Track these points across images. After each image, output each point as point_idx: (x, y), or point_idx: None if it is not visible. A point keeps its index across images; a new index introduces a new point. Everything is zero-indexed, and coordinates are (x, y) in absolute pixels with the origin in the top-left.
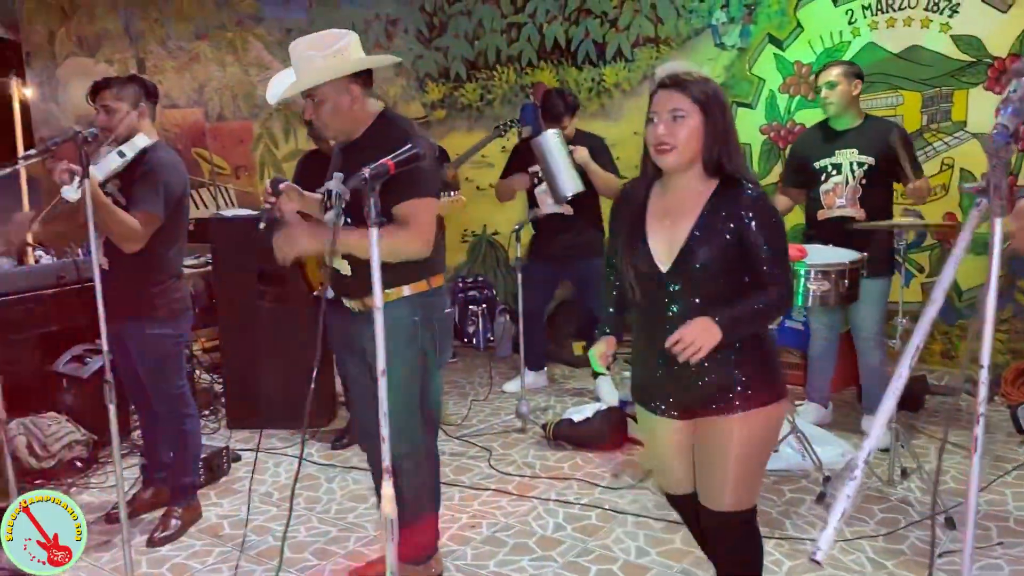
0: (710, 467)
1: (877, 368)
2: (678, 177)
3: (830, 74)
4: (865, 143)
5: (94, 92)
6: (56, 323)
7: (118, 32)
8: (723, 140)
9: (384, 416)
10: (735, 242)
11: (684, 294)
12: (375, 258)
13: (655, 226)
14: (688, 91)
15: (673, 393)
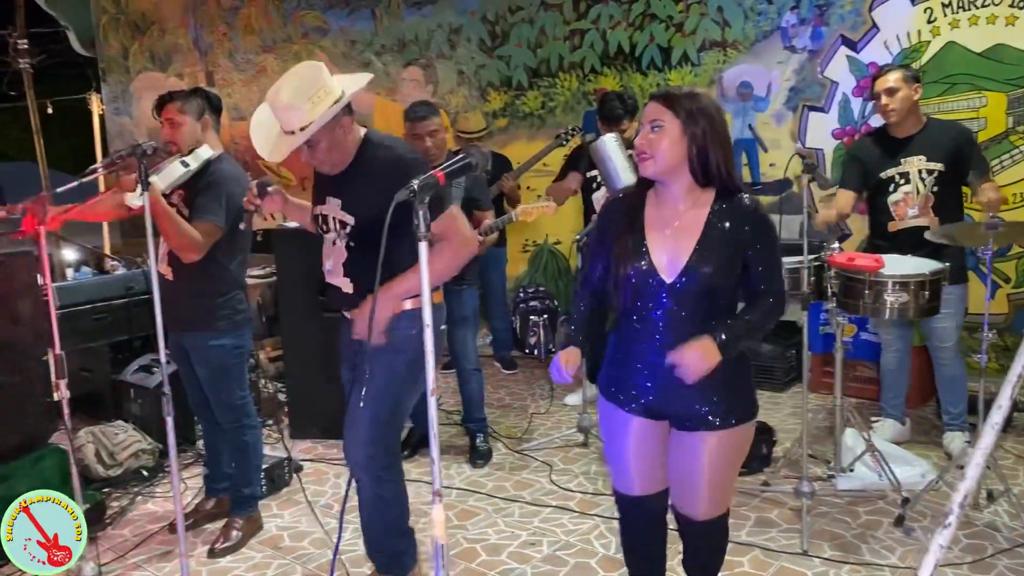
0: (684, 480)
1: (957, 380)
2: (671, 186)
3: (888, 80)
4: (932, 149)
5: (159, 106)
6: (124, 333)
7: (188, 46)
8: (709, 148)
9: (434, 438)
10: (735, 254)
11: (681, 303)
12: (425, 274)
13: (656, 236)
14: (670, 103)
15: (649, 398)
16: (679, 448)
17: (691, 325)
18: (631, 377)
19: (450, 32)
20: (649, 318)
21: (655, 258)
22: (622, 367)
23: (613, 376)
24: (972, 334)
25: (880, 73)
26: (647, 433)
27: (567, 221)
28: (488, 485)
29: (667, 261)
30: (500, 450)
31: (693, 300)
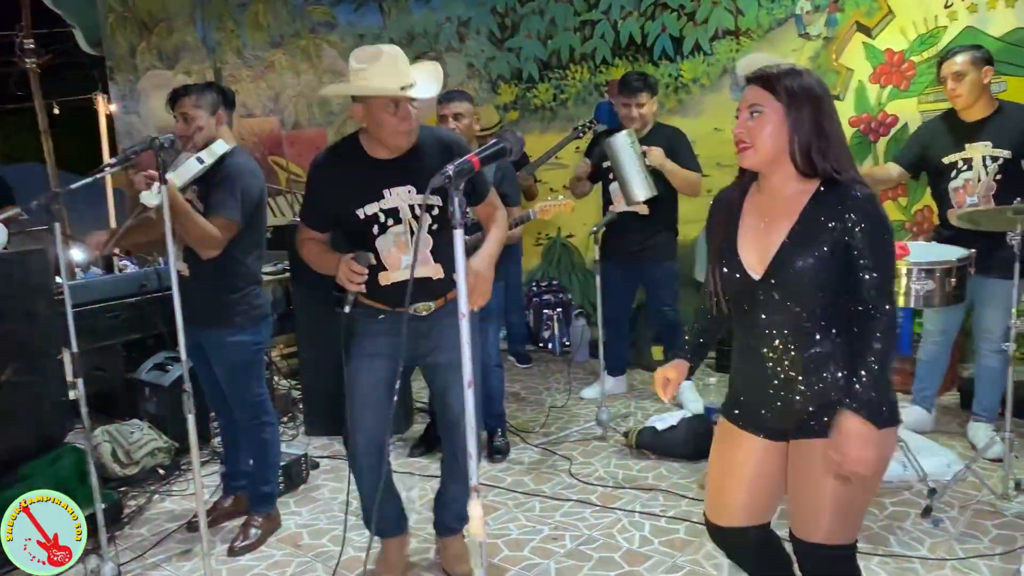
0: (804, 493)
1: (994, 372)
2: (771, 177)
3: (955, 63)
4: (1000, 135)
5: (173, 100)
6: (138, 331)
7: (195, 44)
8: (815, 137)
9: (471, 432)
10: (837, 249)
11: (778, 303)
12: (460, 256)
13: (748, 231)
14: (769, 85)
15: (770, 411)
16: (799, 458)
17: (799, 333)
18: (749, 393)
19: (459, 25)
20: (754, 325)
21: (743, 254)
22: (741, 383)
23: (734, 393)
24: None
25: (946, 56)
26: (767, 459)
27: (580, 214)
28: (507, 480)
29: (756, 256)
30: (518, 445)
31: (789, 299)
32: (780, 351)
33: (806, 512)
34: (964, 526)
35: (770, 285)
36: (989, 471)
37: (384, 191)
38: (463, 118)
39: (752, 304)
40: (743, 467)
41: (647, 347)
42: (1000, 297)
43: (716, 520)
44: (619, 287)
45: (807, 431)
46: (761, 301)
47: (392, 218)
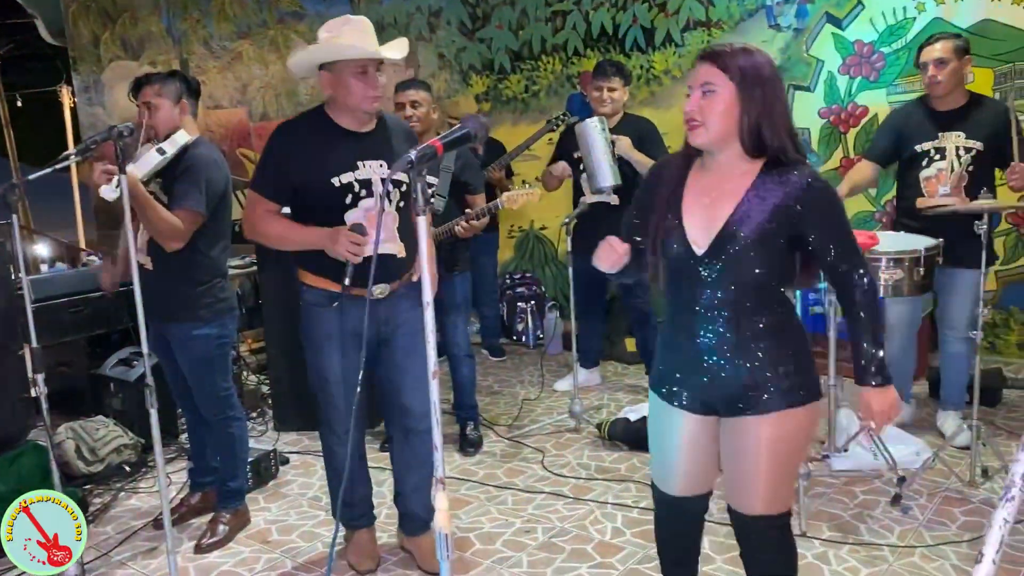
0: (738, 469)
1: (960, 360)
2: (718, 155)
3: (935, 50)
4: (972, 126)
5: (136, 89)
6: (103, 326)
7: (161, 34)
8: (764, 117)
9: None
10: (780, 229)
11: (717, 280)
12: (423, 244)
13: (692, 206)
14: (722, 63)
15: (699, 386)
16: (734, 435)
17: (735, 310)
18: (680, 368)
19: (429, 15)
20: (687, 300)
21: (688, 229)
22: (671, 359)
23: (663, 368)
24: None
25: (928, 42)
26: (699, 430)
27: (553, 206)
28: (479, 473)
29: (700, 232)
30: (490, 437)
31: (729, 277)
32: (713, 329)
33: (743, 486)
34: (933, 513)
35: (712, 261)
36: (957, 459)
37: (359, 162)
38: (420, 106)
39: (691, 279)
40: (676, 441)
41: (620, 339)
42: (967, 287)
43: (664, 489)
44: (591, 279)
45: (735, 409)
46: (700, 277)
47: (365, 190)
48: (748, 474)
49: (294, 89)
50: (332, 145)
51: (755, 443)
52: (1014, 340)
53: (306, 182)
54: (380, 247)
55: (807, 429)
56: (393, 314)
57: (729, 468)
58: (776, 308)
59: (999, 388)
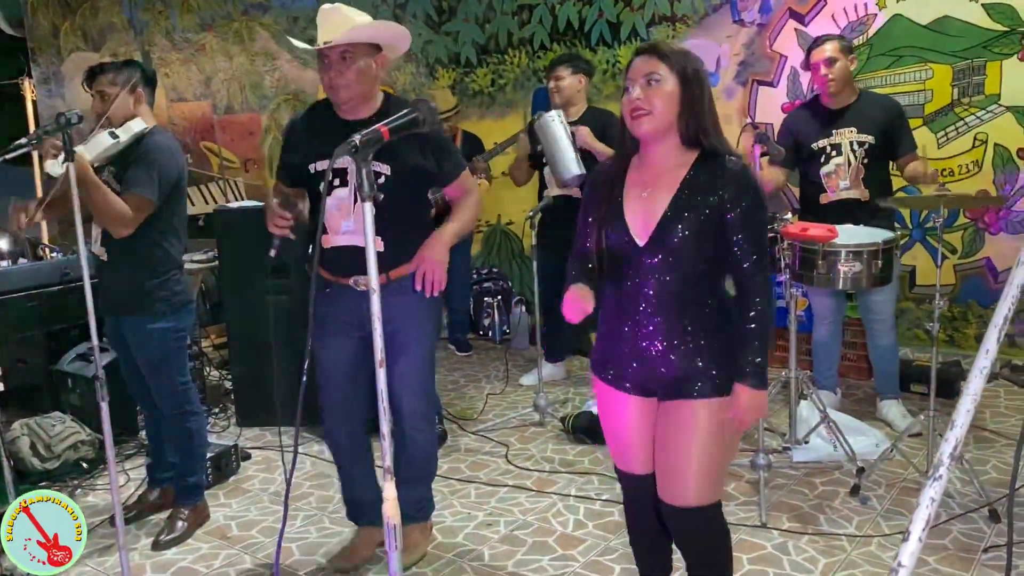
0: (670, 457)
1: (892, 350)
2: (655, 148)
3: (826, 50)
4: (863, 121)
5: (90, 78)
6: (61, 321)
7: (123, 25)
8: (700, 111)
9: (384, 412)
10: (714, 217)
11: (659, 270)
12: (370, 235)
13: (632, 200)
14: (665, 57)
15: (638, 373)
16: (667, 421)
17: (672, 298)
18: (621, 355)
19: (395, 7)
20: (631, 289)
21: (629, 220)
22: (611, 345)
23: (603, 354)
24: (920, 305)
25: (817, 43)
26: (643, 411)
27: (520, 201)
28: (443, 467)
29: (641, 223)
30: (455, 432)
31: (670, 267)
32: (651, 316)
33: (674, 477)
34: (890, 503)
35: (652, 252)
36: (915, 450)
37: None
38: None
39: (631, 269)
40: (623, 421)
41: (585, 334)
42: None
43: (624, 467)
44: (556, 273)
45: (672, 393)
46: (641, 267)
47: (340, 179)
48: (679, 463)
49: (259, 82)
50: (320, 133)
51: (688, 428)
52: (972, 333)
53: (293, 166)
54: (349, 239)
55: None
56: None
57: (661, 458)
58: (715, 298)
59: (956, 380)
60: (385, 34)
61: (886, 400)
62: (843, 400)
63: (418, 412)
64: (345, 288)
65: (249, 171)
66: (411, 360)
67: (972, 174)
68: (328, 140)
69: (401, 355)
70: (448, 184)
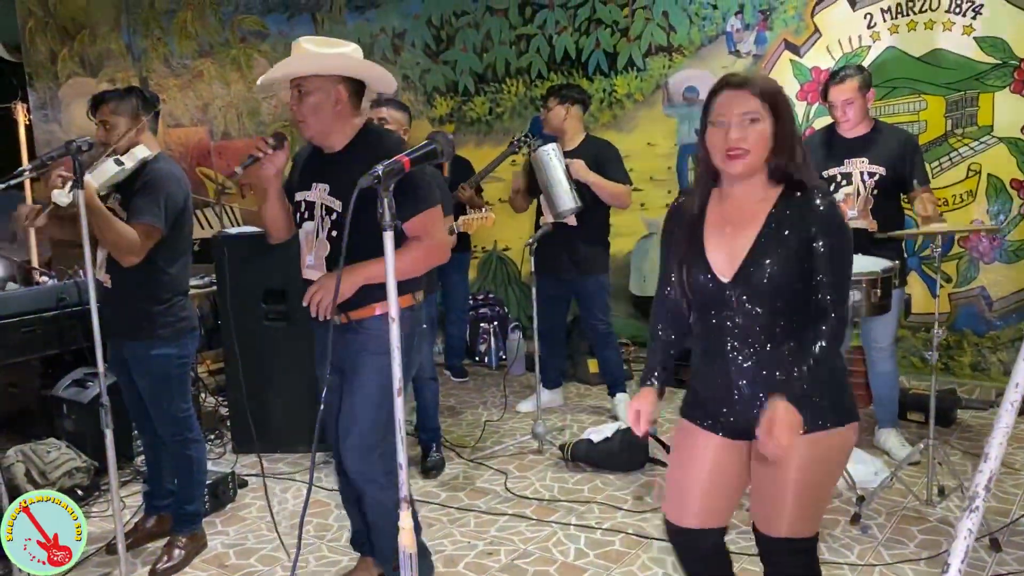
0: (767, 490)
1: (892, 378)
2: (741, 184)
3: (845, 91)
4: (875, 152)
5: (94, 107)
6: (56, 346)
7: (120, 51)
8: (792, 147)
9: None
10: (801, 254)
11: (746, 306)
12: (391, 266)
13: (714, 236)
14: (756, 90)
15: (732, 412)
16: (763, 457)
17: (762, 333)
18: (713, 396)
19: (394, 36)
20: (720, 328)
21: (712, 258)
22: (703, 385)
23: (695, 397)
24: (916, 333)
25: (837, 80)
26: (727, 460)
27: (516, 228)
28: (442, 495)
29: (724, 260)
30: (453, 459)
31: (758, 303)
32: (744, 352)
33: (770, 507)
34: (891, 532)
35: (739, 288)
36: (914, 478)
37: (312, 183)
38: (386, 124)
39: (718, 307)
40: (703, 465)
41: (583, 360)
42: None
43: (676, 521)
44: (553, 300)
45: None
46: (728, 304)
47: (308, 212)
48: (777, 496)
49: (256, 108)
50: (305, 163)
51: (786, 464)
52: (967, 361)
53: (288, 193)
54: (312, 273)
55: (840, 452)
56: (342, 345)
57: (758, 488)
58: (803, 330)
59: (953, 408)
60: (337, 64)
61: (884, 429)
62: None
63: (354, 470)
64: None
65: (245, 196)
66: (350, 408)
67: (966, 204)
68: (306, 171)
69: (344, 401)
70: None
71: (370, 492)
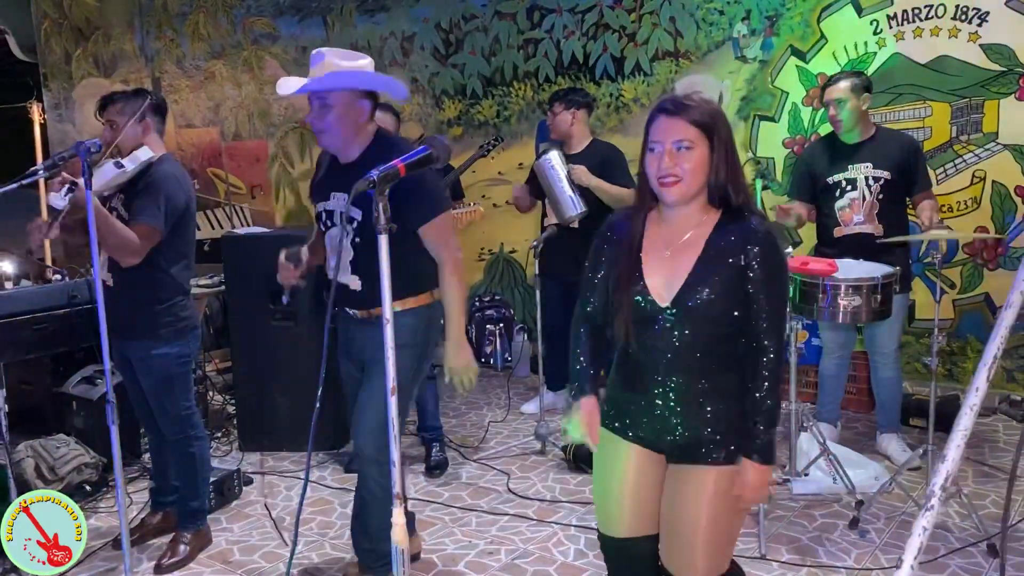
0: (678, 527)
1: (894, 384)
2: (681, 209)
3: (837, 90)
4: (879, 156)
5: (102, 107)
6: (67, 343)
7: (134, 52)
8: (730, 170)
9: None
10: (739, 279)
11: (682, 331)
12: (385, 266)
13: (653, 259)
14: (691, 117)
15: (648, 432)
16: (675, 486)
17: (695, 361)
18: (631, 411)
19: (403, 40)
20: (650, 348)
21: (650, 281)
22: (623, 399)
23: (613, 407)
24: (920, 339)
25: (830, 82)
26: (646, 465)
27: (523, 230)
28: (444, 495)
29: (663, 284)
30: (456, 459)
31: (694, 328)
32: (667, 380)
33: (681, 549)
34: (889, 536)
35: (674, 313)
36: (914, 483)
37: (331, 193)
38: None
39: (651, 329)
40: (625, 474)
41: None
42: (895, 312)
43: (606, 531)
44: (557, 302)
45: (683, 457)
46: (660, 328)
47: (330, 220)
48: (687, 533)
49: (267, 110)
50: (325, 173)
51: (697, 495)
52: (971, 368)
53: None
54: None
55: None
56: (358, 339)
57: (668, 525)
58: (734, 363)
59: (955, 415)
60: (362, 82)
61: (886, 434)
62: (843, 432)
63: (364, 450)
64: (343, 314)
65: (255, 197)
66: (367, 393)
67: (971, 210)
68: (325, 182)
69: (363, 387)
70: (417, 227)
71: (372, 474)
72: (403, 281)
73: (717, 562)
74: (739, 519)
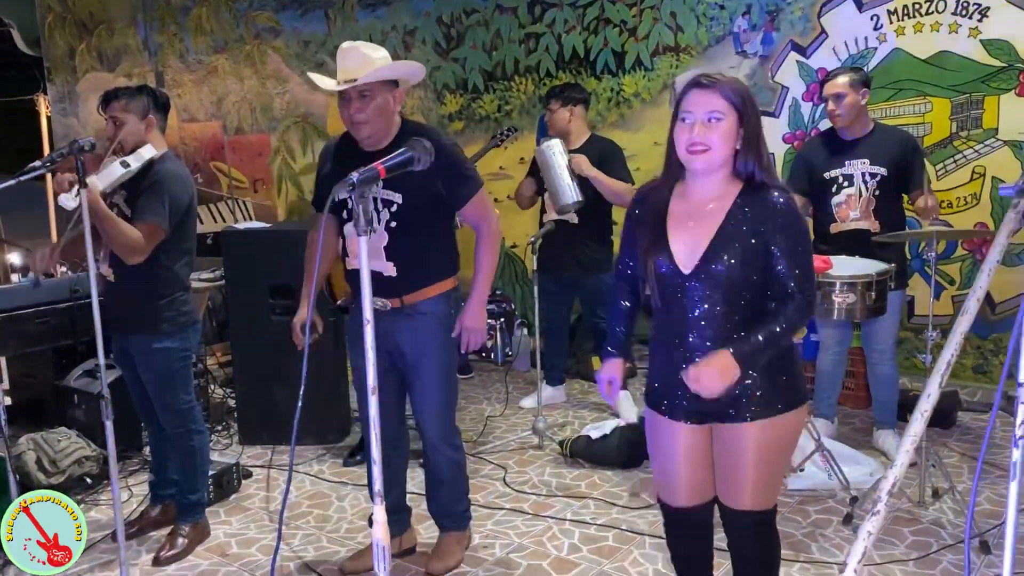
0: (728, 470)
1: (890, 380)
2: (704, 179)
3: (836, 85)
4: (876, 153)
5: (105, 103)
6: (69, 337)
7: (137, 47)
8: (756, 144)
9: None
10: (760, 247)
11: (706, 298)
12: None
13: (677, 228)
14: (723, 92)
15: (689, 399)
16: (723, 440)
17: (721, 325)
18: (670, 384)
19: (404, 34)
20: (678, 317)
21: (674, 249)
22: (662, 374)
23: (655, 385)
24: (918, 335)
25: (829, 77)
26: (696, 441)
27: (524, 225)
28: None
29: (686, 252)
30: None
31: (717, 295)
32: (700, 343)
33: (731, 484)
34: (883, 532)
35: (698, 280)
36: (908, 480)
37: None
38: None
39: (677, 298)
40: (675, 451)
41: (587, 357)
42: (891, 308)
43: (669, 501)
44: (556, 298)
45: (725, 416)
46: (687, 295)
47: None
48: (736, 475)
49: (269, 104)
50: (344, 164)
51: (742, 448)
52: (969, 364)
53: (322, 198)
54: (351, 263)
55: (791, 432)
56: (395, 331)
57: (720, 468)
58: (758, 323)
59: (953, 411)
60: (403, 71)
61: (882, 430)
62: (839, 428)
63: (435, 436)
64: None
65: (258, 191)
66: (424, 385)
67: (970, 206)
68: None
69: (416, 380)
70: (461, 207)
71: (447, 453)
72: (439, 264)
73: (765, 500)
74: (784, 459)
